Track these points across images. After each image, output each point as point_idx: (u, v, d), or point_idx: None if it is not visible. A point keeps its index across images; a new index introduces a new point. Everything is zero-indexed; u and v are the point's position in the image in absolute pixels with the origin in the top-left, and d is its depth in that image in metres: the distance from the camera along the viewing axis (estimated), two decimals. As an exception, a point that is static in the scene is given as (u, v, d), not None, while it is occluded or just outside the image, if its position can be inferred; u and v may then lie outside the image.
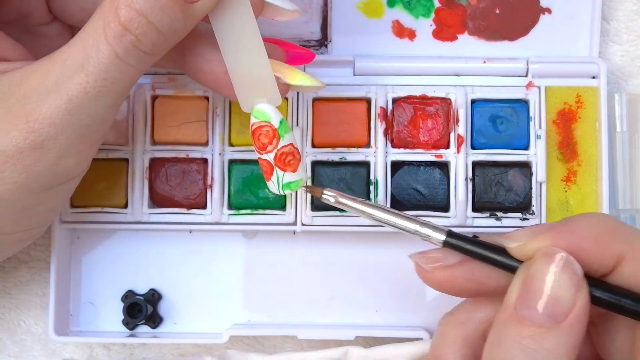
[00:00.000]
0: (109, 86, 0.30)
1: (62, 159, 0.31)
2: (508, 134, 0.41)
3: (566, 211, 0.40)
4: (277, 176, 0.34)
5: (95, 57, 0.30)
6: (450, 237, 0.31)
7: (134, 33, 0.30)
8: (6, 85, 0.31)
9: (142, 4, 0.29)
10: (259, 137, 0.34)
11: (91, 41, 0.30)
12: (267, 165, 0.35)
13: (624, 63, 0.43)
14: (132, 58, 0.30)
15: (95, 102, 0.30)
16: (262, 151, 0.34)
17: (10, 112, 0.30)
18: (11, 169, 0.30)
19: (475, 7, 0.42)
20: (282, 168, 0.34)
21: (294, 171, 0.35)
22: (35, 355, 0.43)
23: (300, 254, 0.42)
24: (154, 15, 0.30)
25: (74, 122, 0.30)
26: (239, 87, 0.34)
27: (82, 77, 0.30)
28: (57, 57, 0.30)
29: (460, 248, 0.31)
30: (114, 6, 0.29)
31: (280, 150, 0.34)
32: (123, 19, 0.29)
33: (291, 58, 0.37)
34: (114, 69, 0.30)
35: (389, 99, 0.41)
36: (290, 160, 0.34)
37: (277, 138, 0.34)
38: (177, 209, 0.40)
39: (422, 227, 0.32)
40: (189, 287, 0.42)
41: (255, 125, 0.34)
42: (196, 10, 0.31)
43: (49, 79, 0.30)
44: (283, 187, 0.35)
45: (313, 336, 0.40)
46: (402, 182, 0.41)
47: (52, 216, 0.35)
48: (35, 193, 0.32)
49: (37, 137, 0.30)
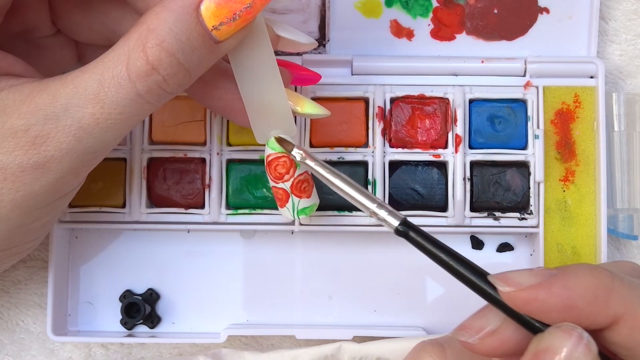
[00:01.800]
0: (123, 120, 0.30)
1: (62, 179, 0.31)
2: (506, 134, 0.41)
3: (564, 211, 0.40)
4: (293, 203, 0.35)
5: (114, 91, 0.29)
6: (403, 225, 0.30)
7: (161, 74, 0.29)
8: (11, 100, 0.30)
9: (173, 44, 0.28)
10: (276, 167, 0.35)
11: (110, 74, 0.29)
12: (283, 193, 0.35)
13: (622, 63, 0.43)
14: (153, 97, 0.30)
15: (106, 133, 0.30)
16: (278, 180, 0.35)
17: (14, 130, 0.30)
18: (9, 186, 0.30)
19: (474, 7, 0.42)
20: (298, 195, 0.35)
21: (308, 197, 0.36)
22: (33, 355, 0.43)
23: (299, 253, 0.42)
24: (184, 56, 0.29)
25: (81, 149, 0.30)
26: (255, 118, 0.34)
27: (96, 108, 0.29)
28: (69, 81, 0.30)
29: (413, 240, 0.30)
30: (142, 43, 0.29)
31: (297, 179, 0.35)
32: (152, 58, 0.28)
33: (298, 80, 0.38)
34: (131, 105, 0.29)
35: (387, 98, 0.41)
36: (306, 187, 0.35)
37: (294, 167, 0.35)
38: (175, 209, 0.40)
39: (379, 209, 0.31)
40: (187, 287, 0.42)
41: (271, 156, 0.34)
42: (222, 49, 0.30)
43: (57, 102, 0.29)
44: (298, 213, 0.36)
45: (311, 336, 0.40)
46: (400, 181, 0.41)
47: (47, 230, 0.35)
48: (31, 211, 0.31)
49: (41, 158, 0.30)
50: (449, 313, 0.41)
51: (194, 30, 0.29)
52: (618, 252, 0.43)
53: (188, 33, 0.29)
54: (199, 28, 0.29)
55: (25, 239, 0.33)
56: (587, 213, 0.40)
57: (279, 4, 0.41)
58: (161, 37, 0.28)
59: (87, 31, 0.35)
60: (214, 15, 0.29)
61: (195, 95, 0.35)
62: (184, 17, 0.29)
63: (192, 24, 0.29)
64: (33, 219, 0.32)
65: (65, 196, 0.33)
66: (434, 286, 0.42)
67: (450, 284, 0.42)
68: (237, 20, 0.29)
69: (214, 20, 0.29)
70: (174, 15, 0.29)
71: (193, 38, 0.29)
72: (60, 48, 0.36)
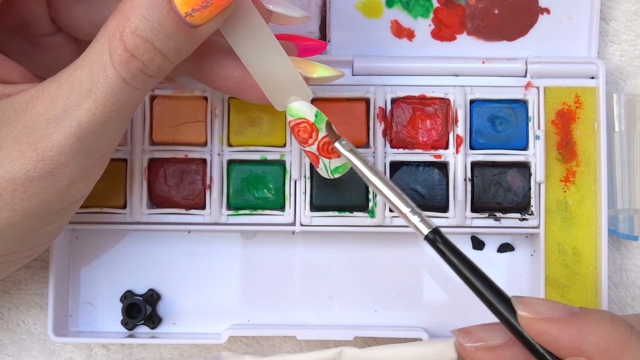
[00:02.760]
0: (117, 110, 0.30)
1: (72, 184, 0.31)
2: (507, 135, 0.41)
3: (565, 211, 0.40)
4: (324, 164, 0.36)
5: (104, 82, 0.29)
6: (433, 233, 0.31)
7: (140, 59, 0.29)
8: (12, 110, 0.30)
9: (147, 31, 0.29)
10: (299, 132, 0.35)
11: (97, 66, 0.29)
12: (313, 156, 0.36)
13: (623, 63, 0.43)
14: (139, 82, 0.30)
15: (105, 127, 0.30)
16: (304, 145, 0.35)
17: (18, 139, 0.30)
18: (20, 196, 0.30)
19: (474, 7, 0.42)
20: (327, 156, 0.36)
21: (338, 156, 0.36)
22: (34, 355, 0.43)
23: (299, 254, 0.42)
24: (159, 41, 0.29)
25: (84, 149, 0.30)
26: (269, 90, 0.34)
27: (90, 102, 0.29)
28: (64, 82, 0.30)
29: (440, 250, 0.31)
30: (119, 30, 0.29)
31: (321, 141, 0.35)
32: (129, 45, 0.29)
33: (303, 51, 0.38)
34: (121, 94, 0.30)
35: (388, 99, 0.41)
36: (333, 149, 0.35)
37: (316, 131, 0.35)
38: (176, 210, 0.40)
39: (413, 214, 0.32)
40: (188, 287, 0.42)
41: (292, 122, 0.35)
42: (201, 33, 0.30)
43: (56, 105, 0.30)
44: (332, 173, 0.36)
45: (312, 336, 0.40)
46: (401, 182, 0.41)
47: (59, 232, 0.35)
48: (44, 217, 0.31)
49: (47, 166, 0.30)
50: (449, 313, 0.41)
51: (167, 16, 0.29)
52: (618, 253, 0.43)
53: (161, 20, 0.29)
54: (172, 14, 0.29)
55: (38, 242, 0.34)
56: (588, 214, 0.40)
57: (279, 4, 0.41)
58: (135, 25, 0.29)
59: (87, 26, 0.34)
60: (185, 3, 0.29)
61: (204, 79, 0.35)
62: (156, 4, 0.29)
63: (164, 10, 0.29)
64: (46, 223, 0.32)
65: (78, 201, 0.33)
66: (434, 287, 0.42)
67: (451, 285, 0.42)
68: (210, 7, 0.29)
69: (186, 7, 0.29)
70: (146, 3, 0.29)
71: (167, 24, 0.29)
72: (60, 47, 0.36)
